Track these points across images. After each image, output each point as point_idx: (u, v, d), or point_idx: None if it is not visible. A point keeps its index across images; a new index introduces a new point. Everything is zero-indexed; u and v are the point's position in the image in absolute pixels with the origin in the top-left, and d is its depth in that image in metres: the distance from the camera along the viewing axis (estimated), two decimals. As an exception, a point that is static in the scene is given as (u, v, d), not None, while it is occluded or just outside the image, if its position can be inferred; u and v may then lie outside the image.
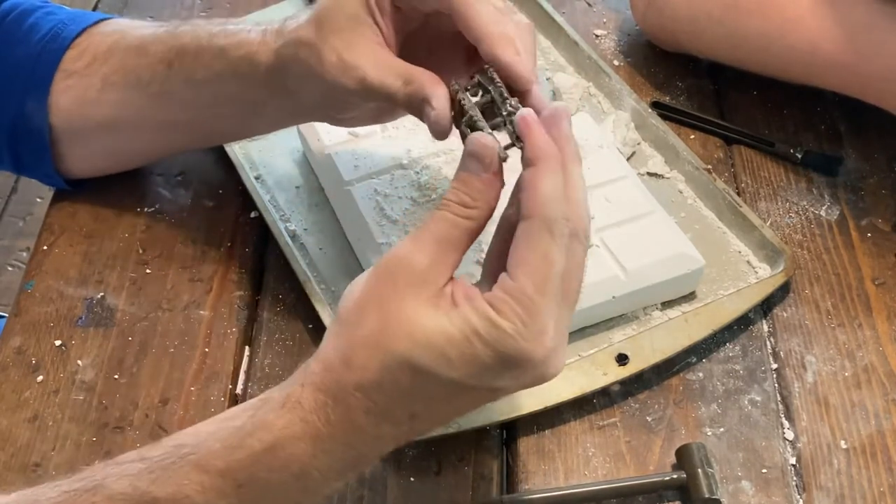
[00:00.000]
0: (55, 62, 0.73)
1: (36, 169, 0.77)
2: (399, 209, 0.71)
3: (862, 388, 0.67)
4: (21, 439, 0.65)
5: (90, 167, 0.78)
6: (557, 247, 0.49)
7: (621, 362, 0.66)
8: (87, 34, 0.74)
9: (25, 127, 0.74)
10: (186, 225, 0.77)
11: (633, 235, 0.70)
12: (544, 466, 0.63)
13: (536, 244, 0.49)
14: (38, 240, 0.76)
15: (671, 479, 0.61)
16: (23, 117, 0.74)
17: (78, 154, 0.76)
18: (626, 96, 0.83)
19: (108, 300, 0.72)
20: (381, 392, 0.49)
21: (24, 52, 0.74)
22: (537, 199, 0.49)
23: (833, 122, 0.85)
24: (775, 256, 0.72)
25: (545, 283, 0.48)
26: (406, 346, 0.48)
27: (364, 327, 0.49)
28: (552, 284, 0.49)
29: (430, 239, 0.50)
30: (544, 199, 0.49)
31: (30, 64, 0.73)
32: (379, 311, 0.49)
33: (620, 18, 0.94)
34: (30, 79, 0.73)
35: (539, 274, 0.48)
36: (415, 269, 0.49)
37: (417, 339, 0.48)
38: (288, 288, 0.73)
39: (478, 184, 0.51)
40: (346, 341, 0.50)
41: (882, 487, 0.62)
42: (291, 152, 0.81)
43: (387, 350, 0.48)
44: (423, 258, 0.50)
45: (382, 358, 0.48)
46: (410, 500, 0.62)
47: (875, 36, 0.76)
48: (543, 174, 0.50)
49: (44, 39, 0.74)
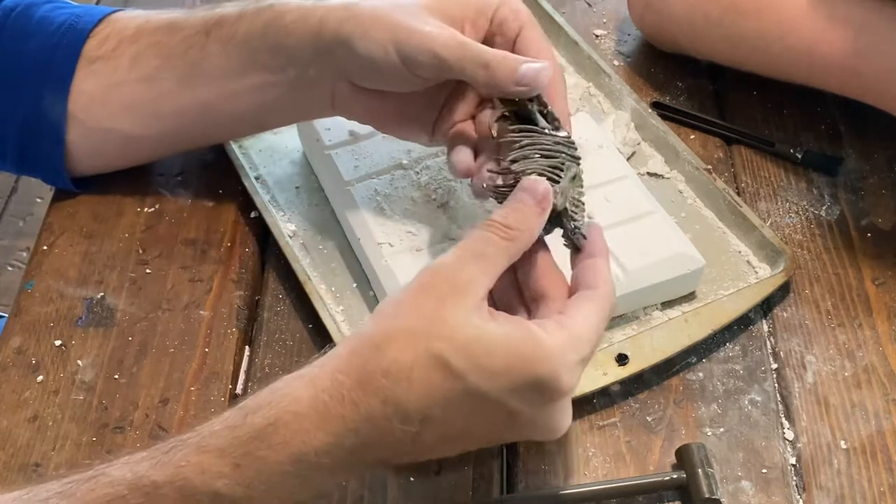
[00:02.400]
0: (76, 52, 0.72)
1: (43, 165, 0.76)
2: (399, 209, 0.71)
3: (862, 388, 0.67)
4: (21, 439, 0.65)
5: (100, 161, 0.77)
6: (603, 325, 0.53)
7: (621, 362, 0.66)
8: (107, 21, 0.74)
9: (39, 122, 0.73)
10: (186, 225, 0.77)
11: (633, 235, 0.70)
12: (544, 466, 0.63)
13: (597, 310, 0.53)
14: (38, 240, 0.76)
15: (671, 479, 0.61)
16: (37, 112, 0.73)
17: (90, 146, 0.75)
18: (626, 96, 0.83)
19: (108, 300, 0.72)
20: (406, 384, 0.48)
21: (38, 45, 0.73)
22: (605, 277, 0.55)
23: (833, 122, 0.85)
24: (775, 256, 0.72)
25: (593, 331, 0.52)
26: (445, 346, 0.48)
27: (403, 321, 0.50)
28: (596, 337, 0.52)
29: (472, 254, 0.52)
30: (607, 281, 0.55)
31: (46, 55, 0.73)
32: (420, 310, 0.50)
33: (620, 18, 0.94)
34: (47, 70, 0.73)
35: (590, 323, 0.52)
36: (457, 279, 0.50)
37: (457, 342, 0.49)
38: (288, 288, 0.73)
39: (526, 211, 0.54)
40: (381, 331, 0.50)
41: (882, 487, 0.62)
42: (291, 152, 0.81)
43: (425, 346, 0.48)
44: (466, 270, 0.51)
45: (418, 351, 0.48)
46: (410, 500, 0.62)
47: (874, 36, 0.76)
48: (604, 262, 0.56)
49: (59, 31, 0.73)
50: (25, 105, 0.73)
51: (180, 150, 0.78)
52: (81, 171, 0.77)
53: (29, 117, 0.74)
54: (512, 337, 0.49)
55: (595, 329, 0.52)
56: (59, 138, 0.74)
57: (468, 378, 0.48)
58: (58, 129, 0.73)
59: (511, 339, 0.49)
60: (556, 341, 0.49)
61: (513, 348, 0.49)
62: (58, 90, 0.72)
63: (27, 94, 0.73)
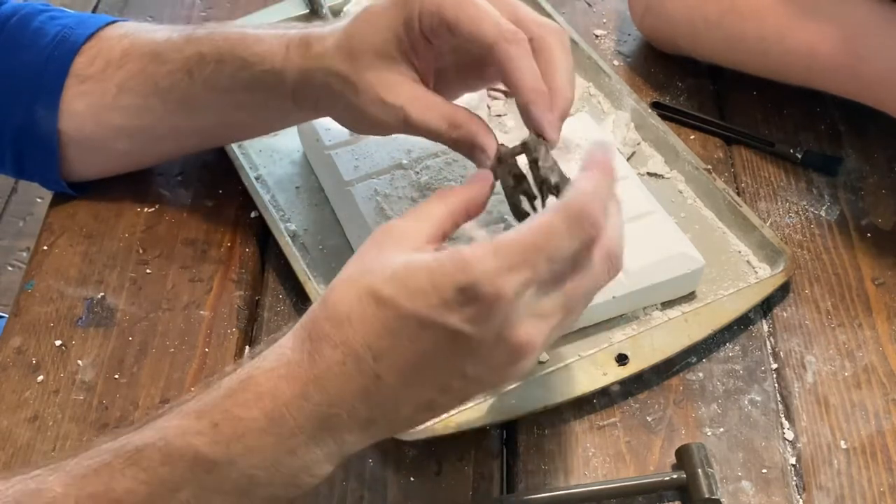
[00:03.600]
0: (65, 67, 0.73)
1: (39, 174, 0.77)
2: (399, 209, 0.71)
3: (862, 388, 0.67)
4: (21, 439, 0.65)
5: (98, 171, 0.78)
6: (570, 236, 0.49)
7: (621, 362, 0.66)
8: (97, 38, 0.74)
9: (32, 133, 0.74)
10: (186, 225, 0.77)
11: (633, 235, 0.69)
12: (544, 466, 0.63)
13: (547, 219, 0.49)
14: (38, 240, 0.76)
15: (671, 479, 0.61)
16: (30, 123, 0.73)
17: (88, 159, 0.76)
18: (626, 96, 0.83)
19: (109, 300, 0.72)
20: (347, 323, 0.50)
21: (31, 57, 0.73)
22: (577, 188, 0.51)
23: (833, 122, 0.85)
24: (775, 256, 0.72)
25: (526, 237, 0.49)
26: (375, 279, 0.50)
27: (345, 272, 0.52)
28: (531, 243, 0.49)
29: (417, 208, 0.55)
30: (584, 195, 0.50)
31: (37, 69, 0.73)
32: (360, 259, 0.52)
33: (620, 18, 0.94)
34: (38, 84, 0.73)
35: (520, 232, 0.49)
36: (398, 228, 0.53)
37: (386, 273, 0.50)
38: (288, 288, 0.73)
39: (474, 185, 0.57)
40: (327, 287, 0.52)
41: (882, 487, 0.62)
42: (291, 152, 0.81)
43: (359, 285, 0.50)
44: (407, 220, 0.54)
45: (354, 292, 0.50)
46: (410, 500, 0.62)
47: (873, 38, 0.76)
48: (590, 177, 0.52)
49: (51, 45, 0.73)
50: (20, 114, 0.74)
51: (180, 156, 0.80)
52: (80, 179, 0.78)
53: (23, 127, 0.74)
54: (438, 258, 0.49)
55: (527, 235, 0.49)
56: (52, 150, 0.74)
57: (398, 301, 0.49)
58: (50, 142, 0.74)
59: (437, 259, 0.49)
60: (476, 251, 0.48)
61: (436, 266, 0.49)
62: (48, 105, 0.73)
63: (21, 102, 0.74)
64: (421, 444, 0.63)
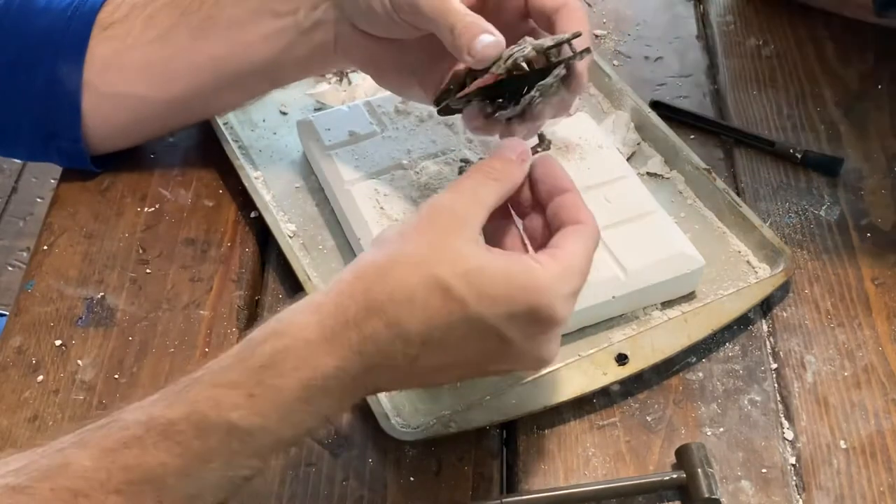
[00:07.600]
0: (91, 19, 0.74)
1: (60, 141, 0.77)
2: (399, 209, 0.71)
3: (862, 388, 0.67)
4: (21, 439, 0.65)
5: (115, 131, 0.78)
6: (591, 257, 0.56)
7: (621, 362, 0.66)
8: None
9: (56, 93, 0.74)
10: (186, 225, 0.77)
11: (633, 235, 0.70)
12: (544, 466, 0.63)
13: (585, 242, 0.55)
14: (38, 240, 0.76)
15: (671, 479, 0.61)
16: (53, 84, 0.74)
17: (105, 114, 0.76)
18: (626, 96, 0.83)
19: (109, 300, 0.72)
20: (409, 306, 0.50)
21: (50, 20, 0.74)
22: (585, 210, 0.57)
23: (833, 122, 0.85)
24: (775, 256, 0.72)
25: (584, 264, 0.54)
26: (447, 273, 0.51)
27: (408, 248, 0.52)
28: (587, 269, 0.55)
29: (467, 191, 0.55)
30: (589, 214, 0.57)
31: (60, 28, 0.74)
32: (423, 239, 0.53)
33: (620, 18, 0.94)
34: (62, 42, 0.74)
35: (580, 256, 0.54)
36: (456, 213, 0.53)
37: (459, 269, 0.51)
38: (288, 288, 0.73)
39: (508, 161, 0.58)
40: (385, 257, 0.52)
41: (882, 487, 0.62)
42: (291, 152, 0.81)
43: (428, 271, 0.51)
44: (463, 205, 0.54)
45: (422, 277, 0.51)
46: (410, 500, 0.62)
47: None
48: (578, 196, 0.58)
49: (72, 5, 0.75)
50: (41, 81, 0.74)
51: (194, 116, 0.80)
52: (96, 145, 0.77)
53: (45, 92, 0.74)
54: (511, 268, 0.52)
55: (585, 261, 0.55)
56: (76, 108, 0.74)
57: (468, 303, 0.51)
58: (75, 99, 0.74)
59: (510, 269, 0.52)
60: (550, 273, 0.52)
61: (512, 278, 0.51)
62: (73, 59, 0.74)
63: (42, 70, 0.74)
64: (421, 443, 0.63)
